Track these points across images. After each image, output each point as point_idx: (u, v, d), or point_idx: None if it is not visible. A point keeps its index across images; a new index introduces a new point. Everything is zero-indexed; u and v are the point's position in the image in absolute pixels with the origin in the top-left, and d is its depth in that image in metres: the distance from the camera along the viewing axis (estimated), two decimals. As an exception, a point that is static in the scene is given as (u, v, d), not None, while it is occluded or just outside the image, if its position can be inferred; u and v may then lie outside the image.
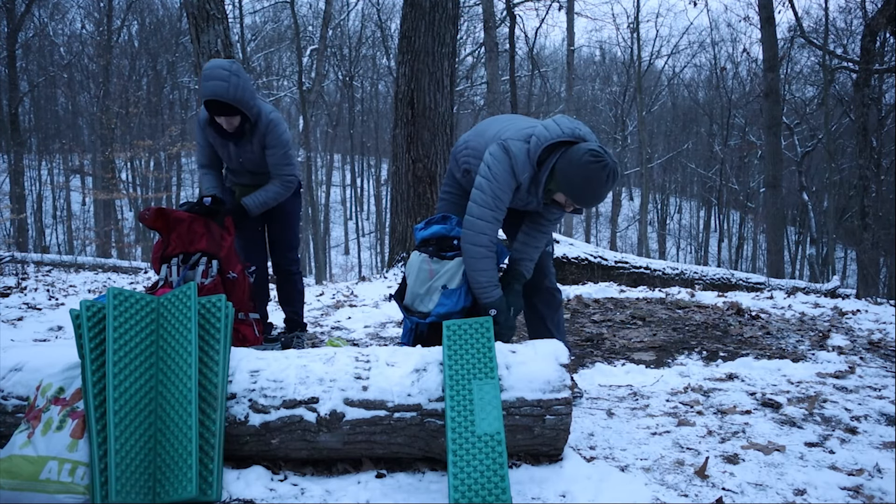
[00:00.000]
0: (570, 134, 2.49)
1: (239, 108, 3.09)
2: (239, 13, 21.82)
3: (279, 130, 3.31)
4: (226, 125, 3.19)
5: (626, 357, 3.72)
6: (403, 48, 7.47)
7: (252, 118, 3.21)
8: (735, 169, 29.37)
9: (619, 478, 2.07)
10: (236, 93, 3.05)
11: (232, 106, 3.09)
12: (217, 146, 3.40)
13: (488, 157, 2.55)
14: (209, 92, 3.03)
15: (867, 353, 3.76)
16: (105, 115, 22.14)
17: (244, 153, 3.36)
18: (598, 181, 2.36)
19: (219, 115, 3.14)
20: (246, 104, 3.11)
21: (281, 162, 3.36)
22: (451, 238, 2.68)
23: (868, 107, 12.03)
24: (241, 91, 3.07)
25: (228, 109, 3.10)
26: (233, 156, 3.39)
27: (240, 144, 3.33)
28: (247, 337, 3.15)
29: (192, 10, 6.07)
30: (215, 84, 3.02)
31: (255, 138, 3.31)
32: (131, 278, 9.02)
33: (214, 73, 3.03)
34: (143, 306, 2.15)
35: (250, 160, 3.40)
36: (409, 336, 2.74)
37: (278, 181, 3.40)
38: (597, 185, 2.37)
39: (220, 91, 3.02)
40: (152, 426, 2.00)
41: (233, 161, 3.43)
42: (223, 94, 3.02)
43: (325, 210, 32.04)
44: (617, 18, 48.03)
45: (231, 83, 3.03)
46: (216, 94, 3.02)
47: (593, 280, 8.13)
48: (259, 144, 3.33)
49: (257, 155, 3.37)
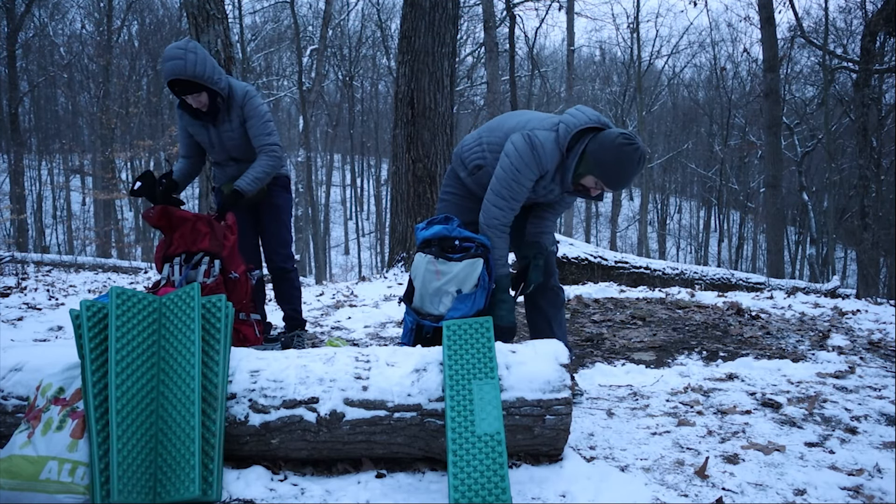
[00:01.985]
0: (596, 120, 2.59)
1: (201, 82, 3.09)
2: (239, 13, 21.83)
3: (256, 101, 3.32)
4: (195, 104, 3.18)
5: (626, 357, 3.72)
6: (403, 48, 7.47)
7: (221, 93, 3.19)
8: (735, 169, 29.37)
9: (619, 478, 2.07)
10: (195, 68, 3.05)
11: (193, 82, 3.09)
12: (197, 134, 3.37)
13: (510, 147, 2.60)
14: (168, 72, 3.05)
15: (867, 353, 3.76)
16: (105, 115, 22.14)
17: (224, 133, 3.34)
18: (630, 162, 2.46)
19: (185, 95, 3.15)
20: (208, 78, 3.10)
21: (262, 132, 3.32)
22: (453, 238, 2.68)
23: (868, 107, 12.02)
24: (199, 66, 3.07)
25: (191, 86, 3.11)
26: (214, 140, 3.36)
27: (218, 125, 3.31)
28: (247, 337, 3.15)
29: (192, 10, 6.07)
30: (173, 64, 3.03)
31: (234, 114, 3.30)
32: (131, 278, 9.02)
33: (170, 54, 3.06)
34: (146, 306, 2.15)
35: (232, 141, 3.36)
36: (410, 336, 2.74)
37: (264, 154, 3.35)
38: (629, 166, 2.47)
39: (178, 69, 3.03)
40: (154, 426, 2.00)
41: (215, 146, 3.39)
42: (181, 72, 3.03)
43: (325, 210, 32.04)
44: (617, 18, 48.07)
45: (188, 60, 3.04)
46: (175, 73, 3.03)
47: (593, 280, 8.13)
48: (238, 120, 3.31)
49: (238, 132, 3.34)
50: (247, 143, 3.38)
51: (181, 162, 3.52)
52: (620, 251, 23.92)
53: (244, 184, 3.29)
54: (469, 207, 2.88)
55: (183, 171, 3.48)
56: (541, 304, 2.93)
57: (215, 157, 3.48)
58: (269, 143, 3.35)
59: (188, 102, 3.20)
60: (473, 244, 2.67)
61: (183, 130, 3.43)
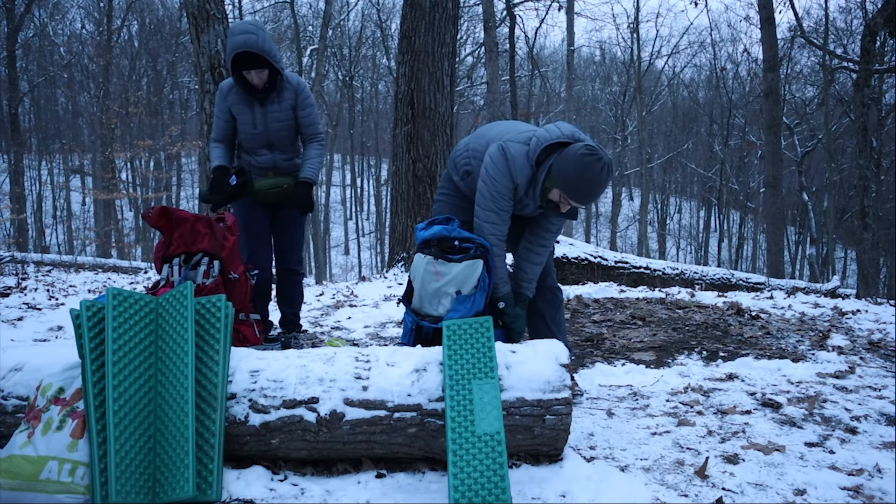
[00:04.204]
0: (569, 136, 2.57)
1: (268, 59, 3.17)
2: (239, 13, 21.84)
3: (308, 90, 3.44)
4: (255, 79, 3.24)
5: (626, 357, 3.71)
6: (403, 48, 7.47)
7: (282, 72, 3.29)
8: (735, 169, 29.38)
9: (619, 478, 2.07)
10: (265, 44, 3.15)
11: (261, 58, 3.16)
12: (240, 113, 3.40)
13: (487, 160, 2.64)
14: (240, 44, 3.11)
15: (867, 353, 3.76)
16: (105, 115, 22.14)
17: (271, 114, 3.38)
18: (592, 173, 2.42)
19: (248, 70, 3.20)
20: (274, 56, 3.20)
21: (316, 121, 3.48)
22: (453, 239, 2.67)
23: (868, 107, 12.02)
24: (269, 43, 3.18)
25: (258, 61, 3.18)
26: (258, 120, 3.39)
27: (267, 105, 3.36)
28: (247, 337, 3.15)
29: (192, 10, 6.07)
30: (245, 38, 3.11)
31: (285, 96, 3.36)
32: (131, 278, 9.02)
33: (242, 28, 3.16)
34: (143, 307, 2.15)
35: (276, 123, 3.40)
36: (410, 336, 2.74)
37: (317, 143, 3.50)
38: (591, 177, 2.43)
39: (250, 42, 3.10)
40: (152, 426, 2.00)
41: (257, 127, 3.40)
42: (253, 45, 3.11)
43: (325, 210, 32.03)
44: (617, 18, 48.04)
45: (259, 35, 3.14)
46: (247, 45, 3.10)
47: (593, 280, 8.13)
48: (289, 104, 3.38)
49: (285, 115, 3.39)
50: (288, 129, 3.45)
51: (216, 146, 3.51)
52: (620, 251, 23.92)
53: (313, 174, 3.47)
54: (463, 208, 2.90)
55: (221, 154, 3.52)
56: (538, 305, 2.93)
57: (250, 143, 3.47)
58: (320, 132, 3.53)
59: (247, 78, 3.26)
60: (473, 245, 2.66)
61: (224, 112, 3.43)
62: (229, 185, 3.33)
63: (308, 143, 3.51)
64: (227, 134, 3.49)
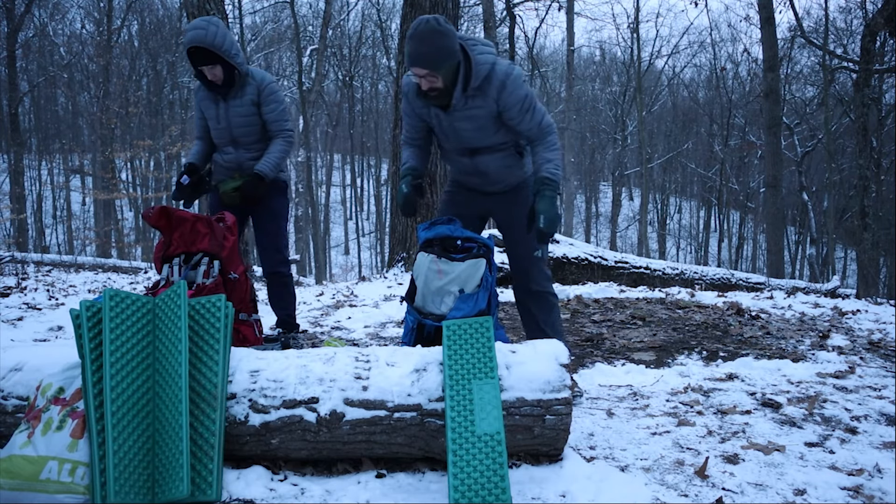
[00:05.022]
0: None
1: (219, 53, 3.17)
2: (239, 13, 21.83)
3: (276, 87, 3.42)
4: (209, 75, 3.25)
5: (626, 357, 3.71)
6: (403, 48, 7.46)
7: (238, 67, 3.28)
8: (735, 169, 29.37)
9: (619, 478, 2.07)
10: (214, 39, 3.15)
11: (212, 53, 3.17)
12: (206, 108, 3.43)
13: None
14: (189, 39, 3.15)
15: (867, 353, 3.76)
16: (105, 115, 22.13)
17: (233, 109, 3.38)
18: (412, 28, 2.52)
19: (201, 65, 3.22)
20: (225, 51, 3.19)
21: (281, 118, 3.44)
22: (455, 238, 2.68)
23: (868, 107, 12.02)
24: (219, 38, 3.17)
25: (209, 57, 3.19)
26: (221, 116, 3.40)
27: (230, 101, 3.36)
28: (247, 337, 3.15)
29: (192, 10, 6.07)
30: (194, 33, 3.14)
31: (247, 91, 3.36)
32: (131, 278, 9.02)
33: (193, 24, 3.19)
34: (140, 307, 2.15)
35: (238, 120, 3.39)
36: (411, 336, 2.74)
37: (281, 139, 3.46)
38: (411, 33, 2.52)
39: (197, 38, 3.13)
40: (150, 426, 2.00)
41: (221, 123, 3.42)
42: (201, 40, 3.13)
43: (325, 210, 32.04)
44: (617, 18, 48.08)
45: (209, 31, 3.15)
46: (194, 41, 3.13)
47: (593, 280, 8.13)
48: (250, 100, 3.37)
49: (246, 111, 3.38)
50: (252, 125, 3.43)
51: (196, 144, 3.59)
52: (620, 251, 23.93)
53: (266, 168, 3.39)
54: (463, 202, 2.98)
55: (200, 153, 3.56)
56: (530, 308, 2.93)
57: (217, 139, 3.51)
58: (287, 128, 3.48)
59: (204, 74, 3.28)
60: (475, 244, 2.68)
61: (197, 109, 3.51)
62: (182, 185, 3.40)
63: (271, 139, 3.47)
64: (204, 131, 3.54)
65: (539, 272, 2.90)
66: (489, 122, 2.71)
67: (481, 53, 2.62)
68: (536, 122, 2.69)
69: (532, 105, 2.67)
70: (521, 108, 2.65)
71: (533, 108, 2.67)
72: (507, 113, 2.66)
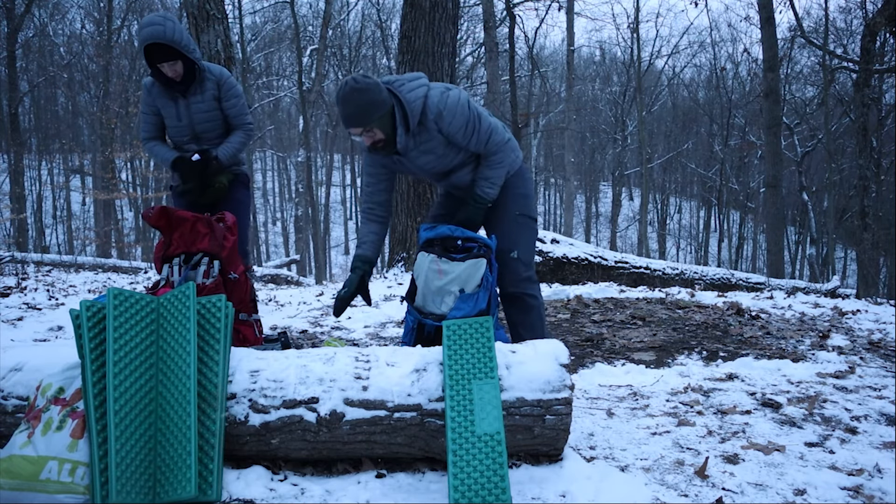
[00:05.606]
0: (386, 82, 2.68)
1: (179, 49, 3.12)
2: (239, 13, 21.83)
3: (233, 81, 3.39)
4: (170, 72, 3.19)
5: (626, 357, 3.72)
6: (403, 48, 7.47)
7: (198, 64, 3.24)
8: (735, 169, 29.38)
9: (619, 478, 2.07)
10: (174, 35, 3.09)
11: (172, 49, 3.12)
12: (164, 106, 3.36)
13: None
14: (147, 36, 3.07)
15: (867, 353, 3.76)
16: (105, 115, 22.13)
17: (194, 105, 3.34)
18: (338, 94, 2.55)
19: (161, 62, 3.15)
20: (185, 46, 3.14)
21: (242, 111, 3.43)
22: (456, 238, 2.69)
23: (868, 107, 12.02)
24: (178, 34, 3.12)
25: (169, 53, 3.13)
26: (182, 113, 3.35)
27: (189, 98, 3.32)
28: (247, 337, 3.15)
29: (192, 10, 6.07)
30: (152, 29, 3.06)
31: (207, 87, 3.32)
32: (131, 278, 9.01)
33: (149, 20, 3.11)
34: (143, 306, 2.15)
35: (200, 116, 3.37)
36: (411, 335, 2.75)
37: (241, 131, 3.45)
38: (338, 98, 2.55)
39: (157, 34, 3.06)
40: (153, 426, 2.00)
41: (182, 120, 3.37)
42: (161, 36, 3.06)
43: (325, 210, 32.03)
44: (617, 18, 48.08)
45: (167, 27, 3.09)
46: (154, 37, 3.06)
47: (593, 280, 8.13)
48: (211, 95, 3.33)
49: (208, 106, 3.35)
50: (214, 119, 3.41)
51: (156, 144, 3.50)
52: (620, 251, 23.92)
53: (224, 155, 3.39)
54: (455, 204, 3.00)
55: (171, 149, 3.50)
56: (507, 309, 2.93)
57: (177, 136, 3.46)
58: (247, 121, 3.49)
59: (162, 71, 3.21)
60: (476, 244, 2.68)
61: (149, 107, 3.41)
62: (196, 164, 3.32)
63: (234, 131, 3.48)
64: (159, 130, 3.47)
65: (515, 273, 2.85)
66: (447, 150, 2.75)
67: (410, 91, 2.61)
68: (482, 143, 2.72)
69: (475, 127, 2.68)
70: (465, 133, 2.67)
71: (476, 129, 2.68)
72: (453, 139, 2.69)
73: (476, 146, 2.73)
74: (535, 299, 2.91)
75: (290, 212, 35.19)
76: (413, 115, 2.60)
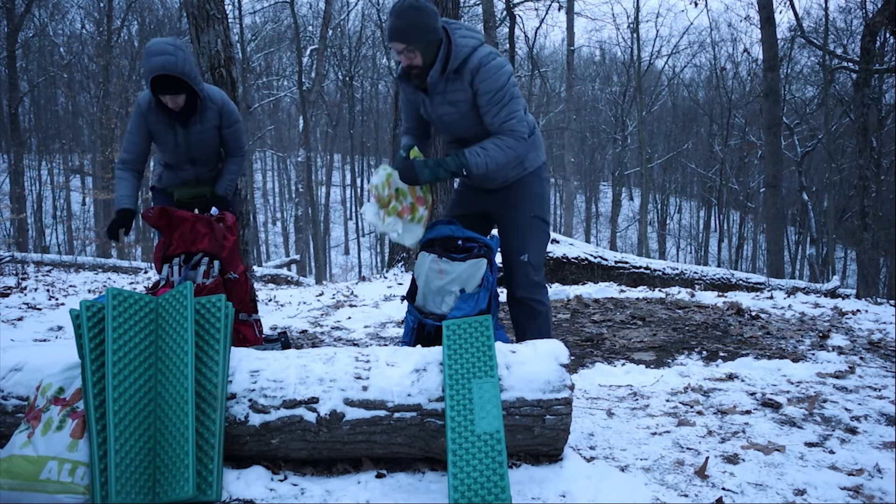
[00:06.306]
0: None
1: (188, 81, 3.00)
2: (239, 13, 21.83)
3: (233, 106, 3.32)
4: (171, 104, 3.07)
5: (626, 357, 3.72)
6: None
7: (201, 93, 3.13)
8: (735, 169, 29.37)
9: (619, 478, 2.07)
10: (184, 66, 2.96)
11: (181, 81, 2.99)
12: (161, 133, 3.22)
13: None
14: (158, 66, 2.90)
15: (867, 353, 3.76)
16: (105, 115, 22.13)
17: (194, 135, 3.25)
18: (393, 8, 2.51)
19: (164, 94, 3.02)
20: (195, 79, 3.03)
21: (240, 138, 3.40)
22: (456, 238, 2.69)
23: (868, 107, 12.03)
24: (189, 65, 2.99)
25: (177, 85, 3.00)
26: (180, 140, 3.25)
27: (189, 127, 3.21)
28: (247, 337, 3.15)
29: (192, 10, 6.06)
30: (164, 59, 2.91)
31: (207, 116, 3.23)
32: (131, 278, 9.02)
33: (159, 48, 2.93)
34: (143, 306, 2.15)
35: (200, 144, 3.29)
36: (411, 335, 2.75)
37: (238, 157, 3.44)
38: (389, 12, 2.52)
39: (169, 65, 2.90)
40: (152, 426, 2.00)
41: (179, 147, 3.27)
42: (172, 68, 2.92)
43: (325, 210, 32.03)
44: (617, 18, 48.04)
45: (179, 57, 2.94)
46: (165, 69, 2.91)
47: (593, 280, 8.13)
48: (212, 125, 3.26)
49: (209, 135, 3.28)
50: (212, 145, 3.36)
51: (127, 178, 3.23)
52: (620, 251, 23.92)
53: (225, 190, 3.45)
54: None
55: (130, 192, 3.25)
56: (515, 314, 2.91)
57: (172, 159, 3.37)
58: (243, 147, 3.48)
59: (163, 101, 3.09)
60: (476, 244, 2.68)
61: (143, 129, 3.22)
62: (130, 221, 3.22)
63: (228, 157, 3.43)
64: (143, 155, 3.26)
65: (524, 278, 2.80)
66: (470, 110, 2.64)
67: (463, 37, 2.58)
68: (500, 120, 2.58)
69: (502, 101, 2.56)
70: (492, 99, 2.56)
71: (502, 103, 2.56)
72: (479, 100, 2.59)
73: (493, 120, 2.60)
74: (543, 305, 2.86)
75: (290, 212, 35.19)
76: (455, 59, 2.56)
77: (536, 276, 2.82)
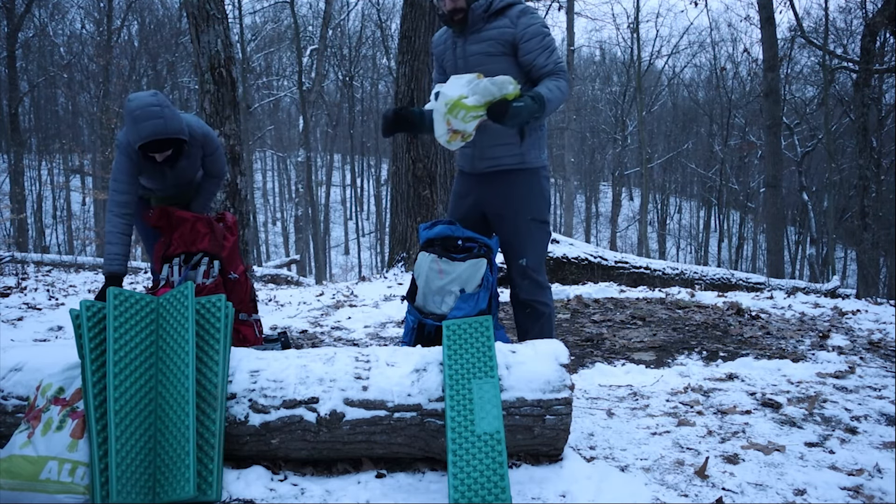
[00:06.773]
0: None
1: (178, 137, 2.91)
2: (239, 13, 21.84)
3: (213, 135, 3.27)
4: (160, 158, 2.97)
5: (626, 357, 3.72)
6: (403, 48, 7.47)
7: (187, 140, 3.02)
8: (735, 169, 29.38)
9: (619, 478, 2.07)
10: (173, 125, 2.86)
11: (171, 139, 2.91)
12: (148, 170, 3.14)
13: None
14: (149, 133, 2.80)
15: (867, 353, 3.76)
16: (105, 115, 22.13)
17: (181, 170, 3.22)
18: None
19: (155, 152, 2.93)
20: (182, 131, 2.93)
21: (223, 162, 3.39)
22: (456, 238, 2.69)
23: (868, 107, 12.03)
24: (176, 121, 2.89)
25: (167, 144, 2.92)
26: (168, 176, 3.22)
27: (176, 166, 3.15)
28: (247, 337, 3.15)
29: (192, 10, 6.07)
30: (153, 124, 2.80)
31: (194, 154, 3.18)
32: (131, 278, 9.02)
33: (147, 113, 2.81)
34: (143, 306, 2.15)
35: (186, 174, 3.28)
36: (411, 335, 2.75)
37: (217, 180, 3.44)
38: None
39: (159, 129, 2.81)
40: (152, 426, 2.00)
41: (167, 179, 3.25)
42: (163, 132, 2.83)
43: (325, 210, 32.03)
44: (617, 18, 48.01)
45: (167, 116, 2.84)
46: (157, 133, 2.81)
47: (593, 280, 8.13)
48: (198, 156, 3.22)
49: (196, 165, 3.27)
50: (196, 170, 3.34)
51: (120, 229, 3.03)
52: (620, 251, 23.92)
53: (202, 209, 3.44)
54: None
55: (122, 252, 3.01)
56: (517, 316, 2.90)
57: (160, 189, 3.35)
58: (225, 170, 3.50)
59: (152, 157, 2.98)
60: (476, 244, 2.68)
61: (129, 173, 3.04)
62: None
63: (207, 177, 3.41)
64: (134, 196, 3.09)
65: (525, 280, 2.79)
66: (501, 55, 2.64)
67: None
68: (554, 60, 2.62)
69: (550, 46, 2.63)
70: (542, 42, 2.61)
71: (550, 48, 2.62)
72: (526, 44, 2.60)
73: (546, 61, 2.61)
74: (547, 306, 2.85)
75: (290, 212, 35.19)
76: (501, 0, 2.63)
77: (538, 277, 2.81)
